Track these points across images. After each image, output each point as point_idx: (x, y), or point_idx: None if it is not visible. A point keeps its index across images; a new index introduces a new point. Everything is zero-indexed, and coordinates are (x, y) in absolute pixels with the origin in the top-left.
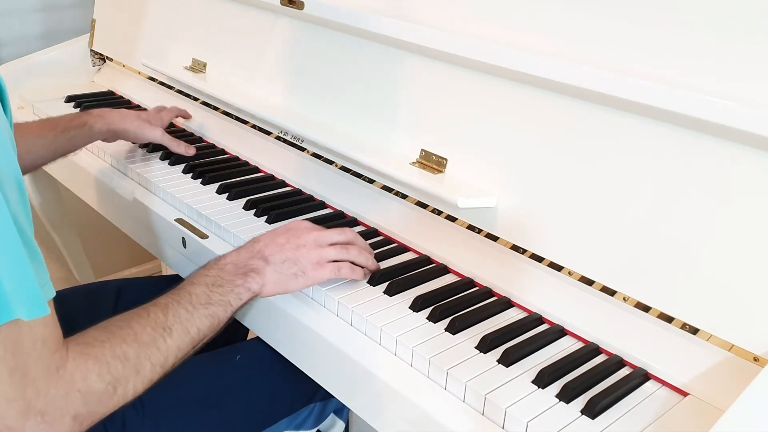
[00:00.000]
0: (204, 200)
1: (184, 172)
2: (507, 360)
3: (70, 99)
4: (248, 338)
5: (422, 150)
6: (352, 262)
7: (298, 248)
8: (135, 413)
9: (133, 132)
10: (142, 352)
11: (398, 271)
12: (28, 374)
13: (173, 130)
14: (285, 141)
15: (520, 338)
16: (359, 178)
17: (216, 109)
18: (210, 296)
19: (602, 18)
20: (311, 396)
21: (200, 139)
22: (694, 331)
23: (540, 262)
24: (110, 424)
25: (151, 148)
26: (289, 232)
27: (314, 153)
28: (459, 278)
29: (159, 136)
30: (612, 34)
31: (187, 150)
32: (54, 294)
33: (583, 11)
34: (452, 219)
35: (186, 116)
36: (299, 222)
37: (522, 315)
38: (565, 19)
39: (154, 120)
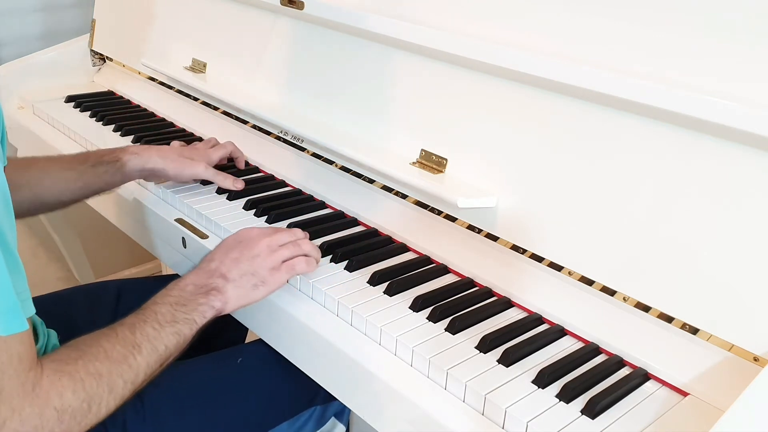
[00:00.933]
0: (204, 200)
1: None
2: (507, 360)
3: (70, 99)
4: (248, 340)
5: (422, 150)
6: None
7: (253, 259)
8: (136, 415)
9: (172, 171)
10: (114, 369)
11: (398, 271)
12: (2, 391)
13: (173, 131)
14: (285, 141)
15: (520, 338)
16: (359, 178)
17: (216, 109)
18: (175, 315)
19: (602, 18)
20: (312, 399)
21: (200, 139)
22: (694, 331)
23: (540, 262)
24: (111, 425)
25: None
26: (240, 245)
27: (314, 153)
28: (459, 278)
29: (202, 170)
30: (612, 34)
31: (235, 184)
32: (33, 311)
33: (583, 11)
34: (452, 219)
35: (240, 160)
36: (248, 230)
37: (522, 315)
38: (565, 19)
39: (198, 156)
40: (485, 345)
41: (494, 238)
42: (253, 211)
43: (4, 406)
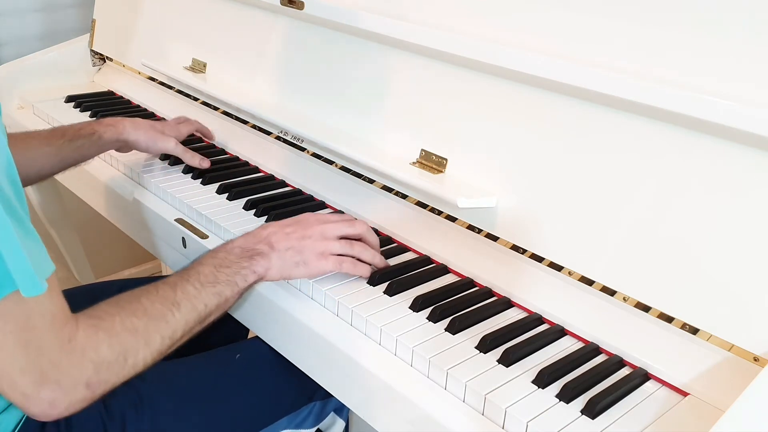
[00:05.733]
0: (204, 200)
1: (185, 172)
2: (507, 360)
3: (70, 99)
4: (248, 337)
5: (422, 150)
6: (359, 259)
7: (303, 238)
8: (134, 411)
9: (144, 143)
10: (152, 325)
11: (398, 271)
12: (41, 347)
13: None
14: (285, 141)
15: (520, 338)
16: (359, 178)
17: (216, 109)
18: (217, 276)
19: (603, 17)
20: (311, 394)
21: (200, 140)
22: (694, 331)
23: (540, 262)
24: (109, 421)
25: None
26: (297, 223)
27: (314, 153)
28: (459, 278)
29: (172, 146)
30: (612, 33)
31: (201, 162)
32: (53, 268)
33: (584, 10)
34: (452, 219)
35: (208, 135)
36: (310, 214)
37: (522, 315)
38: (566, 19)
39: (169, 130)
40: (485, 345)
41: (494, 238)
42: (253, 211)
43: (44, 359)
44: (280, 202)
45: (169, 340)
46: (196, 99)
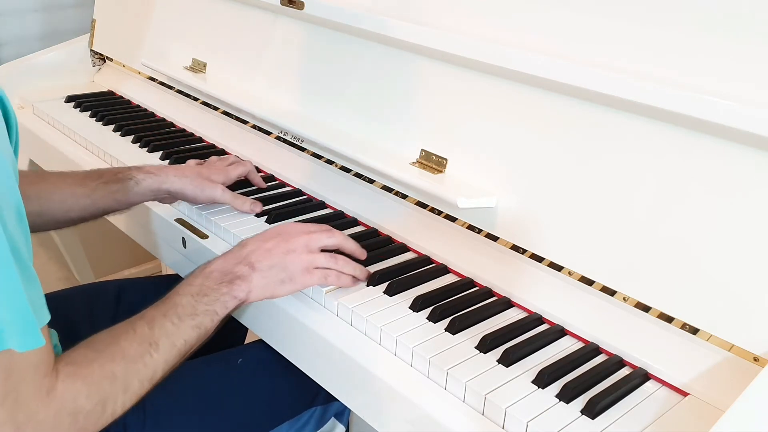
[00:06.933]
0: None
1: None
2: (507, 360)
3: (70, 99)
4: (248, 340)
5: (422, 150)
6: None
7: (287, 253)
8: (136, 416)
9: (191, 192)
10: (130, 369)
11: (398, 271)
12: (19, 398)
13: (173, 131)
14: (285, 141)
15: (520, 338)
16: (359, 178)
17: (216, 109)
18: (196, 307)
19: (603, 17)
20: (312, 399)
21: (200, 139)
22: (694, 331)
23: (540, 262)
24: (111, 426)
25: (152, 148)
26: (278, 237)
27: (314, 153)
28: (459, 278)
29: (219, 194)
30: (612, 33)
31: (253, 207)
32: (48, 318)
33: (584, 10)
34: (452, 219)
35: (258, 182)
36: (289, 225)
37: (522, 315)
38: (565, 19)
39: (216, 175)
40: (485, 345)
41: (494, 238)
42: None
43: (21, 411)
44: (279, 203)
45: (149, 383)
46: (196, 99)
